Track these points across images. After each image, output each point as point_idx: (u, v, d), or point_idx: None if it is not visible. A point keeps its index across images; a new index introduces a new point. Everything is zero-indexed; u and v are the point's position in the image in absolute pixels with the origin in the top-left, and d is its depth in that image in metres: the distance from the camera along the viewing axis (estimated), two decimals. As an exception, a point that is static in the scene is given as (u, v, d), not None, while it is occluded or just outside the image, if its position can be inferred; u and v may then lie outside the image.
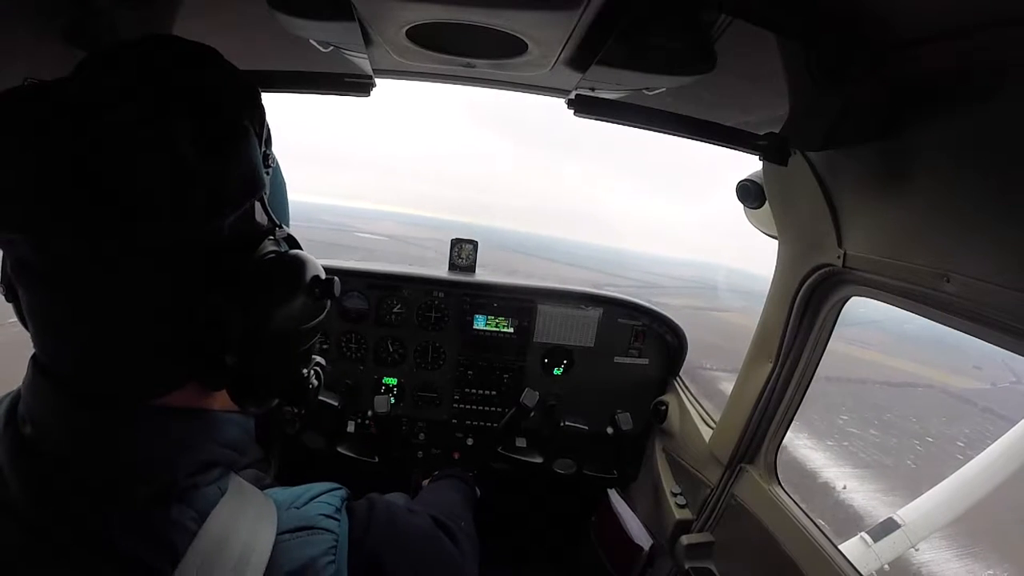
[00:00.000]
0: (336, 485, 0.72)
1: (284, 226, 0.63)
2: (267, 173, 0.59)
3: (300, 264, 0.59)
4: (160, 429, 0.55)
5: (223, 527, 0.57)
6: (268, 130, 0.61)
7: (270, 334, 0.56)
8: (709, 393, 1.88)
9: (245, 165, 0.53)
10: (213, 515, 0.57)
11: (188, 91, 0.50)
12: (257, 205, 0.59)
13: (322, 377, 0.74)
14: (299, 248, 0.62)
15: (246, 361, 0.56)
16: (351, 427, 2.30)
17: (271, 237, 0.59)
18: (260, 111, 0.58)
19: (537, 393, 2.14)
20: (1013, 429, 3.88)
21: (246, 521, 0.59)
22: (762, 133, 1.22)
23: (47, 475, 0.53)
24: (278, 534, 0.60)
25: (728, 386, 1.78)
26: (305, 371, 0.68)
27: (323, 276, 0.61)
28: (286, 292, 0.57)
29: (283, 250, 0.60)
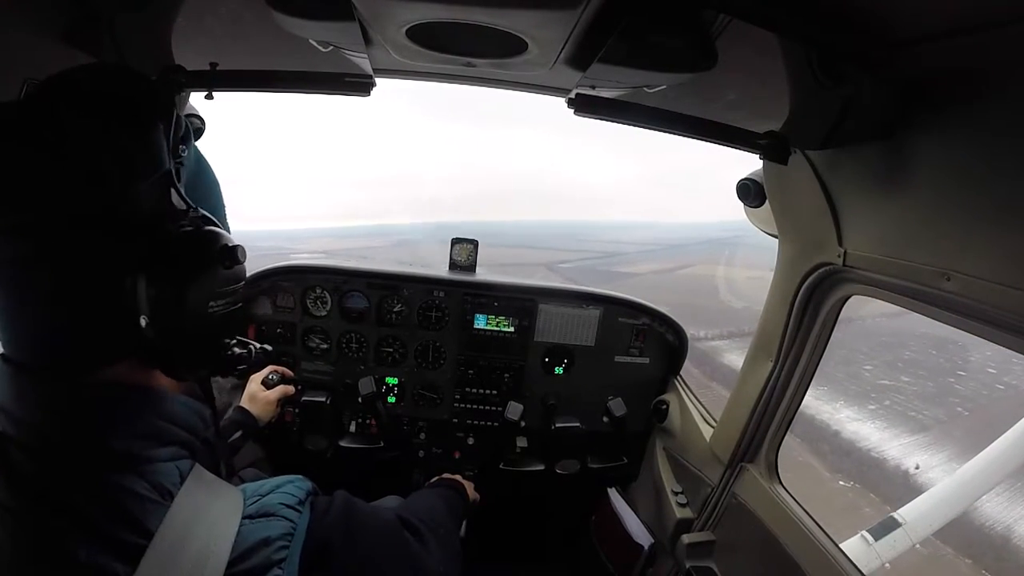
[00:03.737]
0: (300, 478, 0.74)
1: (203, 210, 0.68)
2: (179, 163, 0.66)
3: (208, 237, 0.65)
4: (102, 400, 0.59)
5: (192, 509, 0.61)
6: (186, 131, 0.69)
7: (183, 303, 0.61)
8: (719, 373, 1.82)
9: (150, 146, 0.61)
10: (181, 497, 0.61)
11: (106, 95, 0.60)
12: (174, 192, 0.65)
13: (254, 349, 0.77)
14: (216, 226, 0.67)
15: (162, 330, 0.60)
16: (352, 427, 2.30)
17: (187, 218, 0.65)
18: (173, 116, 0.66)
19: (521, 405, 2.20)
20: (1013, 428, 3.88)
21: (213, 506, 0.63)
22: (762, 132, 1.22)
23: (14, 458, 0.56)
24: (241, 519, 0.63)
25: (735, 357, 1.74)
26: (228, 340, 0.72)
27: (230, 245, 0.66)
28: (195, 263, 0.63)
29: (196, 228, 0.65)
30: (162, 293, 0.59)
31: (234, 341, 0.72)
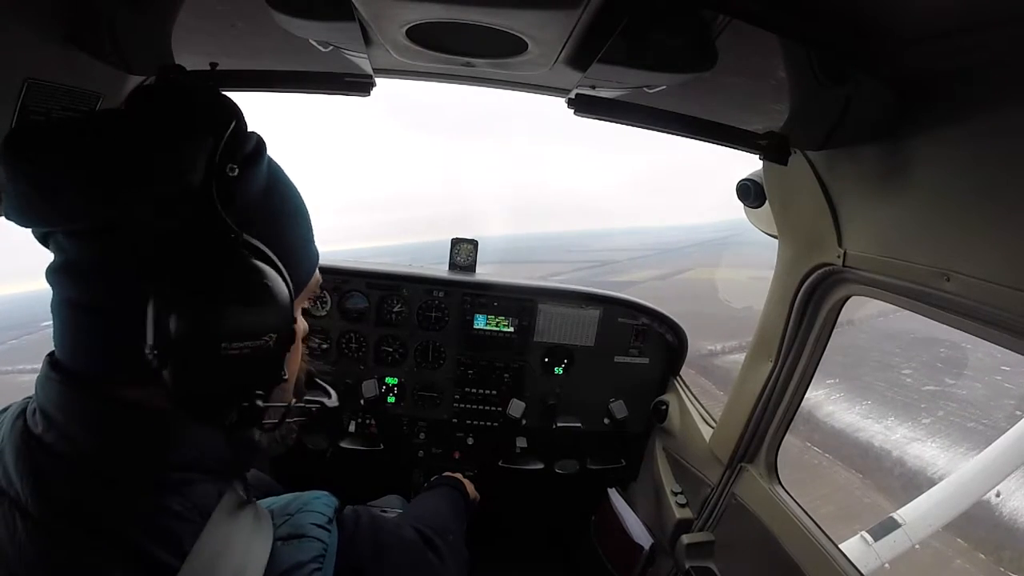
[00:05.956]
0: (326, 494, 0.73)
1: (250, 236, 0.59)
2: (229, 182, 0.56)
3: (243, 268, 0.56)
4: (139, 423, 0.58)
5: (226, 530, 0.59)
6: (254, 150, 0.62)
7: (188, 337, 0.53)
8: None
9: (174, 158, 0.54)
10: (215, 517, 0.59)
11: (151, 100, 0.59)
12: (224, 213, 0.56)
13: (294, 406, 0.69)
14: (263, 257, 0.59)
15: (166, 363, 0.53)
16: (352, 427, 2.30)
17: (228, 244, 0.56)
18: (223, 128, 0.57)
19: (523, 403, 2.22)
20: (1013, 429, 3.87)
21: (246, 527, 0.61)
22: (762, 132, 1.22)
23: (48, 468, 0.54)
24: (273, 540, 0.62)
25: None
26: (255, 390, 0.61)
27: (264, 283, 0.58)
28: (213, 295, 0.54)
29: (232, 256, 0.57)
30: (167, 322, 0.52)
31: (260, 392, 0.61)
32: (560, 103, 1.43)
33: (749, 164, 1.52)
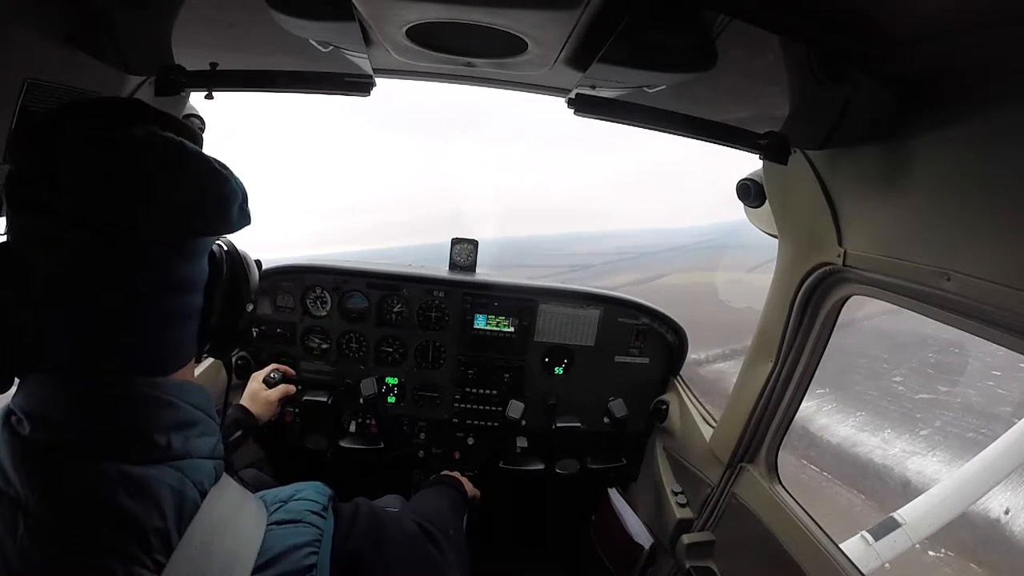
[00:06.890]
0: (319, 483, 0.74)
1: None
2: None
3: (246, 255, 0.82)
4: (154, 399, 0.61)
5: (221, 511, 0.60)
6: None
7: (247, 304, 0.80)
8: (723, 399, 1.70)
9: (239, 182, 0.68)
10: (211, 496, 0.61)
11: (184, 134, 0.65)
12: None
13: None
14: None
15: (239, 322, 0.78)
16: (352, 427, 2.30)
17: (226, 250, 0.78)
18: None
19: (522, 404, 2.22)
20: (1013, 428, 3.87)
21: (240, 510, 0.63)
22: (763, 132, 1.22)
23: (47, 465, 0.55)
24: (267, 525, 0.63)
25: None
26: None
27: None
28: (254, 271, 0.82)
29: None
30: (242, 294, 0.77)
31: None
32: (551, 103, 1.45)
33: (743, 167, 1.52)
